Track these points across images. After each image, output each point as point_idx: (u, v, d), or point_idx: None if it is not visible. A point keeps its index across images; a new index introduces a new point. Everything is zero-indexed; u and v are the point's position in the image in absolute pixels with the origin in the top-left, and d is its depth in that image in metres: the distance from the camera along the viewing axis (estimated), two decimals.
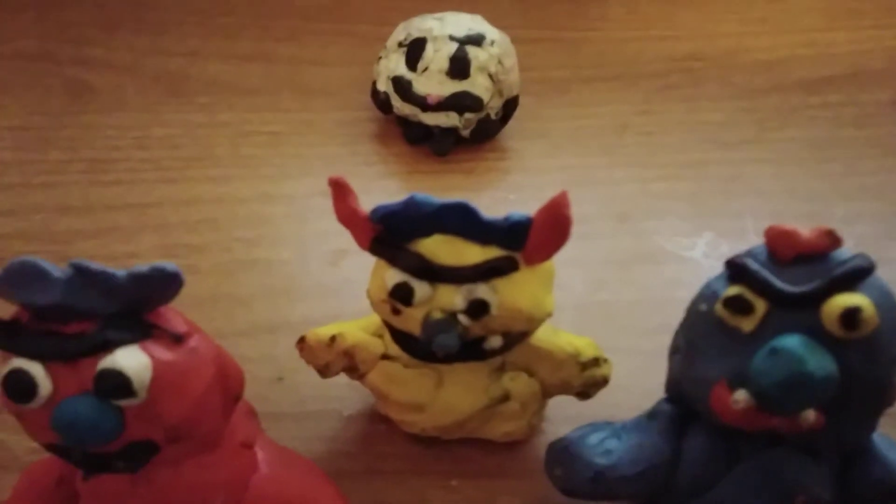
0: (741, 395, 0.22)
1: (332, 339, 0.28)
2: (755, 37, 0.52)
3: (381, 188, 0.43)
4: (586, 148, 0.45)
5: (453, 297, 0.24)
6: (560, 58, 0.50)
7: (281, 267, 0.39)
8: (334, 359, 0.29)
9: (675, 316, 0.25)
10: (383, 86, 0.43)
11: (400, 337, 0.26)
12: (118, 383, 0.19)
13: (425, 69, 0.41)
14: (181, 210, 0.41)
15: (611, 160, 0.44)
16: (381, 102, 0.44)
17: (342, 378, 0.30)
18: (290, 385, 0.33)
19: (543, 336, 0.28)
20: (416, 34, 0.42)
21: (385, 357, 0.28)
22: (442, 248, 0.24)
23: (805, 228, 0.22)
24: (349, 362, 0.29)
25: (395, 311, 0.25)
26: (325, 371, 0.29)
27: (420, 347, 0.25)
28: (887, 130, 0.46)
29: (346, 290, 0.37)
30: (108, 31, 0.53)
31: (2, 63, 0.50)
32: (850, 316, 0.21)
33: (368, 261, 0.26)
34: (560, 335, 0.28)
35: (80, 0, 0.55)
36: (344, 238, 0.39)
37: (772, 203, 0.42)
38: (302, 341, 0.29)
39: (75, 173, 0.43)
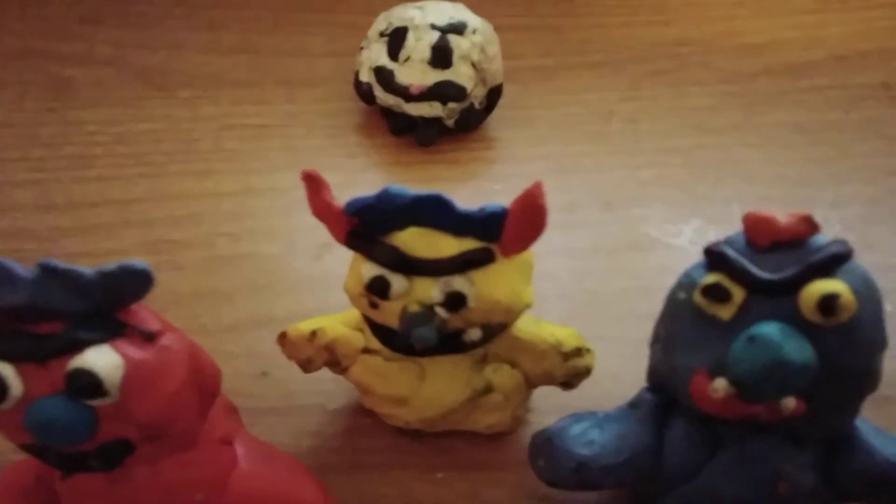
0: (720, 384, 0.22)
1: (313, 333, 0.28)
2: (742, 20, 0.51)
3: (365, 180, 0.42)
4: (572, 135, 0.44)
5: (430, 290, 0.23)
6: (544, 45, 0.50)
7: (265, 261, 0.38)
8: (315, 353, 0.28)
9: (662, 304, 0.25)
10: (366, 76, 0.43)
11: (379, 330, 0.26)
12: (89, 383, 0.19)
13: (407, 59, 0.41)
14: (164, 205, 0.41)
15: (597, 147, 0.44)
16: (365, 93, 0.44)
17: (326, 373, 0.30)
18: (275, 380, 0.33)
19: (525, 327, 0.27)
20: (397, 23, 0.41)
21: (366, 351, 0.28)
22: (418, 241, 0.23)
23: (782, 214, 0.22)
24: (330, 357, 0.29)
25: (373, 305, 0.25)
26: (307, 366, 0.29)
27: (399, 341, 0.25)
28: (875, 114, 0.46)
29: (330, 284, 0.36)
30: (90, 25, 0.52)
31: None
32: (828, 302, 0.20)
33: (352, 255, 0.26)
34: (542, 326, 0.28)
35: None
36: (326, 232, 0.39)
37: (760, 188, 0.41)
38: (283, 337, 0.29)
39: (57, 170, 0.43)
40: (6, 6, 0.53)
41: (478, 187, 0.42)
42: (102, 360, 0.19)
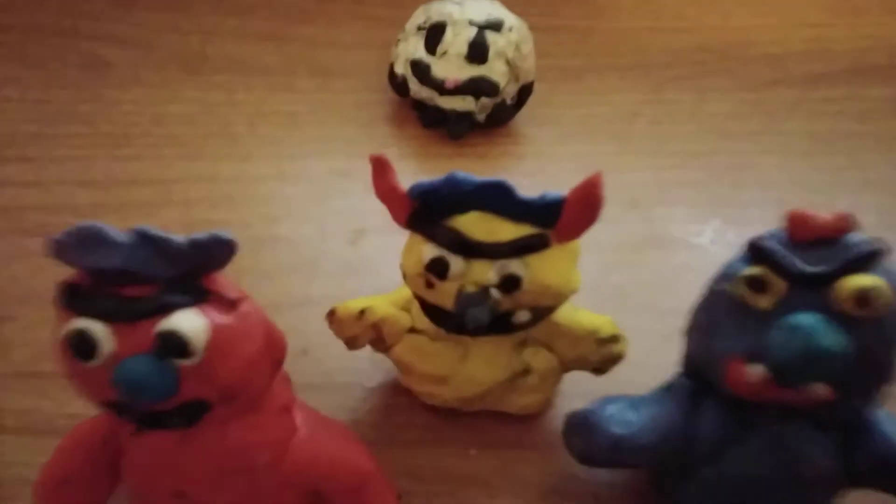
0: (756, 369, 0.23)
1: (362, 312, 0.29)
2: (761, 31, 0.53)
3: (396, 170, 0.44)
4: (598, 135, 0.46)
5: (487, 272, 0.25)
6: (573, 46, 0.51)
7: (301, 244, 0.39)
8: (363, 331, 0.30)
9: (684, 299, 0.26)
10: (401, 69, 0.44)
11: (431, 310, 0.27)
12: (177, 343, 0.20)
13: (444, 53, 0.42)
14: (201, 186, 0.42)
15: (621, 147, 0.45)
16: (399, 85, 0.45)
17: (364, 352, 0.32)
18: (315, 358, 0.34)
19: (564, 313, 0.29)
20: (436, 18, 0.43)
21: (412, 330, 0.29)
22: (477, 225, 0.25)
23: (824, 212, 0.23)
24: (377, 335, 0.30)
25: (429, 285, 0.26)
26: (352, 343, 0.30)
27: (451, 320, 0.26)
28: (889, 125, 0.47)
29: (365, 268, 0.38)
30: (125, 8, 0.53)
31: (20, 36, 0.50)
32: (865, 295, 0.22)
33: (386, 240, 0.27)
34: (580, 313, 0.29)
35: None
36: (362, 217, 0.40)
37: (776, 193, 0.43)
38: (332, 314, 0.30)
39: (95, 147, 0.44)
40: None
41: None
42: (189, 322, 0.20)
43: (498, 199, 0.24)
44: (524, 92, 0.44)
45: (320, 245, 0.40)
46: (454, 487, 0.30)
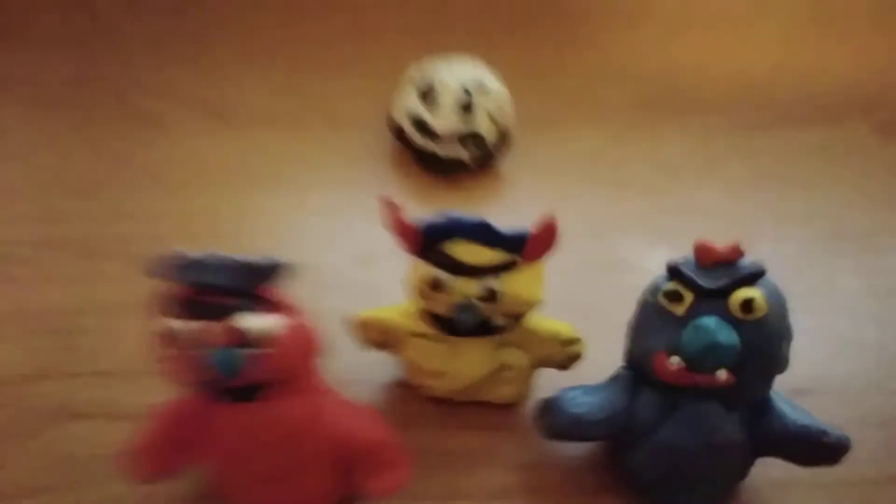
0: (675, 360, 0.31)
1: (375, 320, 0.37)
2: (708, 85, 0.62)
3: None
4: (565, 175, 0.54)
5: (472, 287, 0.33)
6: (544, 96, 0.60)
7: (317, 267, 0.47)
8: (376, 335, 0.37)
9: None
10: (399, 119, 0.53)
11: (431, 316, 0.35)
12: (252, 338, 0.28)
13: (438, 108, 0.51)
14: (231, 219, 0.50)
15: (585, 185, 0.54)
16: (397, 132, 0.53)
17: (374, 355, 0.39)
18: (335, 359, 0.41)
19: (533, 320, 0.37)
20: (429, 80, 0.51)
21: (414, 334, 0.37)
22: (465, 251, 0.33)
23: (719, 244, 0.31)
24: (387, 338, 0.38)
25: (428, 297, 0.34)
26: (367, 344, 0.38)
27: (446, 324, 0.34)
28: (812, 167, 0.56)
29: (374, 286, 0.46)
30: (157, 56, 0.61)
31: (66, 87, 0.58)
32: (748, 304, 0.30)
33: (392, 264, 0.35)
34: (546, 320, 0.37)
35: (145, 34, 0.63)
36: (369, 244, 0.48)
37: (716, 224, 0.52)
38: (351, 321, 0.38)
39: (153, 187, 0.51)
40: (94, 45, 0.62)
41: (488, 213, 0.51)
42: (259, 322, 0.28)
43: (480, 232, 0.32)
44: (504, 138, 0.53)
45: (334, 267, 0.47)
46: (449, 460, 0.38)
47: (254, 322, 0.28)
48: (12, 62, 0.59)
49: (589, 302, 0.46)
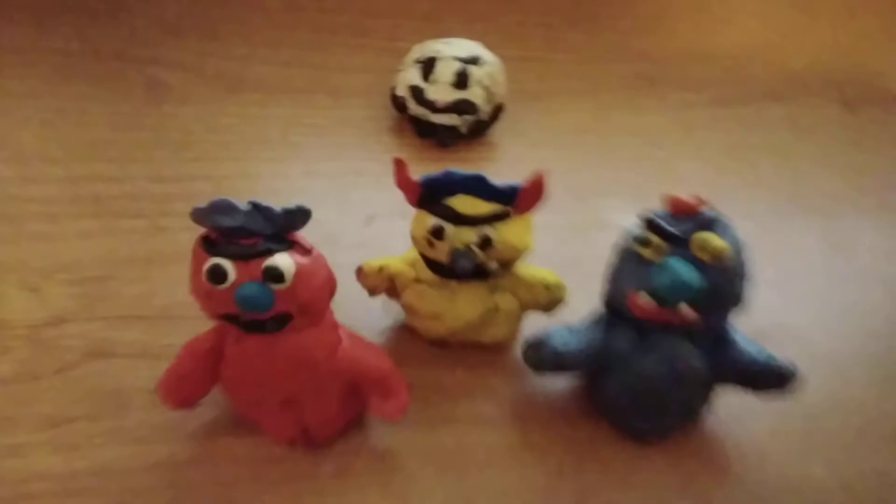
0: (645, 297, 0.36)
1: (381, 268, 0.41)
2: (689, 64, 0.66)
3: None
4: (554, 145, 0.59)
5: (470, 235, 0.37)
6: (537, 74, 0.64)
7: (329, 226, 0.51)
8: (381, 282, 0.42)
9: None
10: (401, 92, 0.57)
11: (432, 263, 0.39)
12: (275, 274, 0.32)
13: (435, 81, 0.55)
14: (247, 182, 0.54)
15: (573, 154, 0.58)
16: (398, 104, 0.57)
17: (377, 301, 0.43)
18: (339, 307, 0.46)
19: (522, 268, 0.41)
20: (429, 54, 0.55)
21: (416, 280, 0.42)
22: (464, 203, 0.37)
23: (686, 196, 0.36)
24: (391, 285, 0.42)
25: (430, 245, 0.38)
26: (373, 291, 0.42)
27: (446, 270, 0.39)
28: (781, 138, 0.61)
29: (377, 243, 0.50)
30: (174, 35, 0.65)
31: (86, 59, 0.62)
32: (704, 244, 0.34)
33: (392, 223, 0.39)
34: (533, 268, 0.42)
35: (149, 10, 0.67)
36: (373, 205, 0.52)
37: (691, 188, 0.56)
38: (360, 270, 0.42)
39: (161, 150, 0.55)
40: (98, 18, 0.66)
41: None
42: (283, 261, 0.32)
43: (476, 185, 0.37)
44: (497, 111, 0.57)
45: (343, 226, 0.52)
46: (446, 396, 0.42)
47: (281, 260, 0.32)
48: (28, 35, 0.62)
49: (571, 256, 0.50)
